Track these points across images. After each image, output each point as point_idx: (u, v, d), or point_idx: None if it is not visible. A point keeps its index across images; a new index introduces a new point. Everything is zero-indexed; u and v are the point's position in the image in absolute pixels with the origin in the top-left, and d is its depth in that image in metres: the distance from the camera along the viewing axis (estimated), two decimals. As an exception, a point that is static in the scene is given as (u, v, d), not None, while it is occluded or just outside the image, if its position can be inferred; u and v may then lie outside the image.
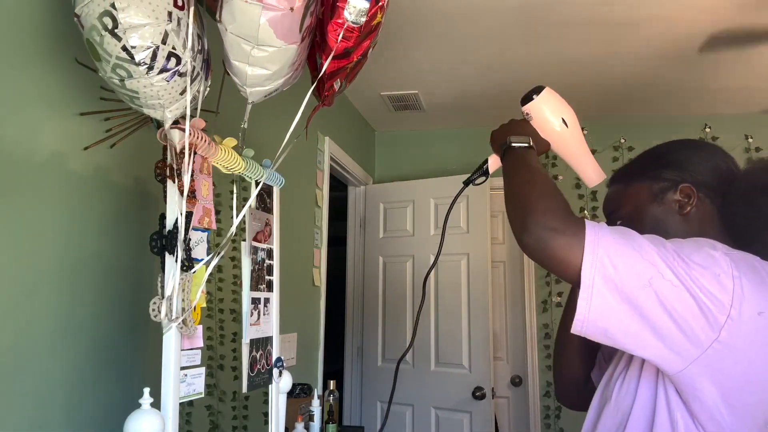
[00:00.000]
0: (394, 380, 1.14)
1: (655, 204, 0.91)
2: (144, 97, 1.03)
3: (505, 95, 3.12)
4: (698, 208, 0.90)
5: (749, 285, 0.71)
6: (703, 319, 0.69)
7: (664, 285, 0.69)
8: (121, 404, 1.25)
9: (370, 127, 3.74)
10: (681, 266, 0.71)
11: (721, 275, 0.70)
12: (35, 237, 1.07)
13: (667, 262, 0.71)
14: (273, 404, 1.37)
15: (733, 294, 0.70)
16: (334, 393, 2.07)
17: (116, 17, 0.94)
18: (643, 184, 0.93)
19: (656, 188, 0.92)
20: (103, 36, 0.95)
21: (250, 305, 1.30)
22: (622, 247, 0.72)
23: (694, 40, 2.42)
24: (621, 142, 3.39)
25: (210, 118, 1.25)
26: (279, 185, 1.47)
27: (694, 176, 0.91)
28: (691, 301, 0.69)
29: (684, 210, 0.89)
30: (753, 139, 3.25)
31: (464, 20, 2.30)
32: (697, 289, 0.69)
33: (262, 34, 1.06)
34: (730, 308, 0.69)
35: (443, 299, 3.24)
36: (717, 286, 0.70)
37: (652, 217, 0.91)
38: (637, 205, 0.92)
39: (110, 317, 1.25)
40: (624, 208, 0.94)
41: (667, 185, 0.91)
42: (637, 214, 0.92)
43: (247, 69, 1.13)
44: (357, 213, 3.61)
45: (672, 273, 0.70)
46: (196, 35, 1.07)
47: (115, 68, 0.98)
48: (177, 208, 1.05)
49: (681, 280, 0.70)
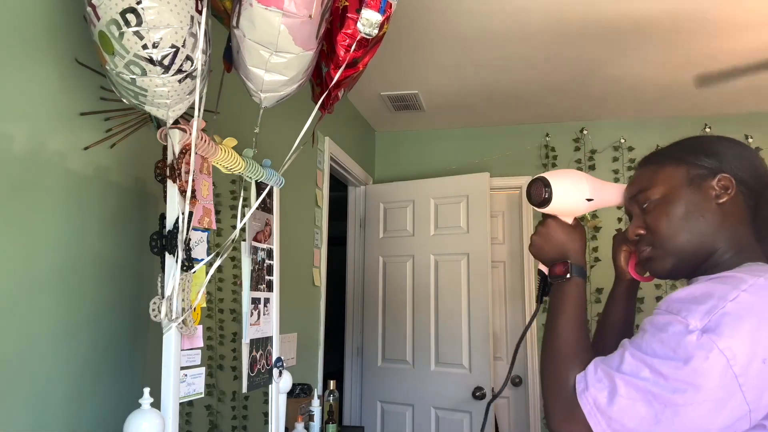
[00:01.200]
0: (484, 420, 1.10)
1: (690, 188, 0.88)
2: (152, 96, 1.03)
3: (505, 95, 3.12)
4: (733, 201, 0.87)
5: (747, 336, 0.70)
6: (730, 406, 0.70)
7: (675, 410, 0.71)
8: (121, 404, 1.25)
9: (370, 127, 3.74)
10: (674, 381, 0.71)
11: (704, 365, 0.69)
12: (35, 237, 1.07)
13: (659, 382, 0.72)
14: (273, 404, 1.37)
15: (729, 368, 0.69)
16: (334, 393, 2.07)
17: (142, 15, 0.94)
18: (679, 167, 0.90)
19: (693, 173, 0.89)
20: (124, 32, 0.95)
21: (250, 305, 1.30)
22: (626, 409, 0.73)
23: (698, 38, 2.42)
24: (621, 142, 3.39)
25: (210, 118, 1.26)
26: (279, 185, 1.47)
27: (733, 170, 0.88)
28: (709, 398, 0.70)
29: (720, 199, 0.86)
30: (753, 139, 3.25)
31: (464, 20, 2.30)
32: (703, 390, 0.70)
33: (282, 41, 1.07)
34: (736, 380, 0.69)
35: (443, 299, 3.24)
36: (716, 380, 0.69)
37: (688, 200, 0.87)
38: (672, 187, 0.89)
39: (110, 317, 1.25)
40: (656, 188, 0.90)
41: (706, 172, 0.88)
42: (672, 195, 0.89)
43: (264, 75, 1.14)
44: (357, 213, 3.61)
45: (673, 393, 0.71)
46: (208, 39, 1.08)
47: (129, 65, 0.98)
48: (177, 208, 1.05)
49: (684, 397, 0.70)
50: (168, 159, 1.07)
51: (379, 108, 3.37)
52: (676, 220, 0.87)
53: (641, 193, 0.92)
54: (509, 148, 3.58)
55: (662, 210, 0.88)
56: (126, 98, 1.07)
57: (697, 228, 0.86)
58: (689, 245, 0.86)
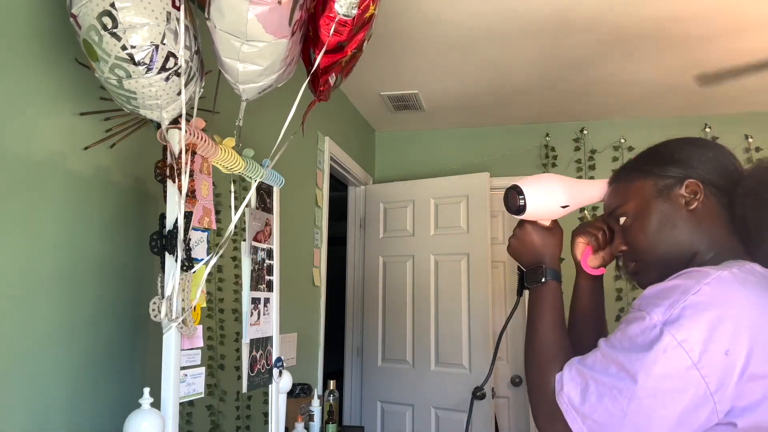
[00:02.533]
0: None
1: (660, 200, 0.90)
2: (142, 98, 1.03)
3: (505, 95, 3.12)
4: (705, 204, 0.89)
5: (705, 328, 0.71)
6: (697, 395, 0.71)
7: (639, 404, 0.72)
8: (121, 404, 1.25)
9: (370, 127, 3.74)
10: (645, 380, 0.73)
11: (663, 357, 0.71)
12: (35, 237, 1.07)
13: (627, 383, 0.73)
14: (273, 404, 1.37)
15: (689, 359, 0.71)
16: (334, 393, 2.07)
17: (116, 17, 0.94)
18: (647, 180, 0.92)
19: (661, 184, 0.91)
20: (102, 36, 0.95)
21: (250, 305, 1.30)
22: (599, 408, 0.75)
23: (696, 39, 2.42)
24: (621, 142, 3.39)
25: (210, 117, 1.25)
26: (279, 185, 1.47)
27: (700, 173, 0.90)
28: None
29: (690, 206, 0.88)
30: (753, 139, 3.25)
31: (464, 20, 2.30)
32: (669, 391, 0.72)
33: (251, 29, 1.04)
34: (697, 371, 0.70)
35: (443, 299, 3.24)
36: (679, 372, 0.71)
37: (659, 212, 0.90)
38: (643, 201, 0.92)
39: (110, 317, 1.25)
40: (629, 203, 0.93)
41: (673, 182, 0.90)
42: (644, 209, 0.91)
43: (238, 66, 1.12)
44: (357, 213, 3.61)
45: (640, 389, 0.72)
46: (192, 35, 1.07)
47: (113, 68, 0.98)
48: (177, 208, 1.05)
49: (654, 393, 0.72)
50: (168, 159, 1.07)
51: (379, 108, 3.37)
52: (651, 233, 0.90)
53: (616, 209, 0.95)
54: (509, 148, 3.58)
55: (637, 226, 0.92)
56: (120, 104, 1.07)
57: (673, 237, 0.89)
58: (669, 255, 0.89)
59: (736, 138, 3.27)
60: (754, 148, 3.25)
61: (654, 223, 0.90)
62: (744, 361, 0.70)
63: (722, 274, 0.75)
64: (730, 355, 0.70)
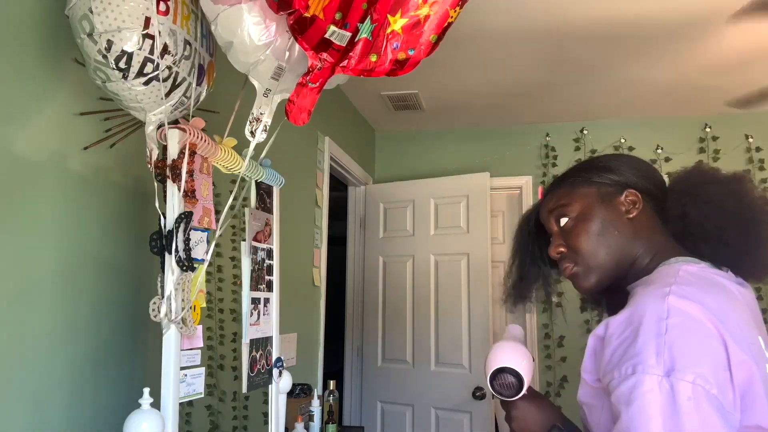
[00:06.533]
0: None
1: (603, 206, 0.95)
2: (125, 100, 1.04)
3: (505, 95, 3.12)
4: (643, 212, 0.94)
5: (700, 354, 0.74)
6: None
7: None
8: (121, 404, 1.25)
9: (370, 127, 3.74)
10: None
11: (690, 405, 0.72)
12: (35, 237, 1.07)
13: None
14: (273, 404, 1.37)
15: (706, 391, 0.72)
16: (334, 393, 2.07)
17: (92, 21, 0.94)
18: (591, 187, 0.97)
19: (603, 191, 0.96)
20: (83, 39, 0.96)
21: (250, 305, 1.30)
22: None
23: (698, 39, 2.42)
24: (621, 141, 3.39)
25: (210, 117, 1.25)
26: (279, 185, 1.47)
27: (638, 184, 0.96)
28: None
29: (630, 214, 0.94)
30: (753, 139, 3.25)
31: (464, 20, 2.29)
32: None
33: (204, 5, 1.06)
34: (717, 399, 0.72)
35: (443, 299, 3.24)
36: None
37: (602, 217, 0.95)
38: (587, 205, 0.96)
39: (110, 317, 1.25)
40: (573, 205, 0.97)
41: (614, 190, 0.96)
42: (587, 213, 0.95)
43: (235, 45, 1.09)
44: (357, 213, 3.61)
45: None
46: (183, 41, 1.07)
47: (95, 71, 0.99)
48: (177, 208, 1.05)
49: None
50: (168, 159, 1.07)
51: (379, 108, 3.37)
52: (594, 237, 0.94)
53: (558, 209, 0.98)
54: (509, 148, 3.58)
55: (581, 228, 0.95)
56: (116, 102, 1.08)
57: (615, 242, 0.93)
58: (610, 259, 0.93)
59: (736, 138, 3.27)
60: (754, 148, 3.25)
61: (597, 228, 0.94)
62: (726, 358, 0.73)
63: (675, 304, 0.77)
64: (718, 363, 0.73)
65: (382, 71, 1.08)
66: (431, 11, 1.04)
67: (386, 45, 1.06)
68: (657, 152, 3.32)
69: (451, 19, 1.05)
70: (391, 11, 1.03)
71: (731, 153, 3.26)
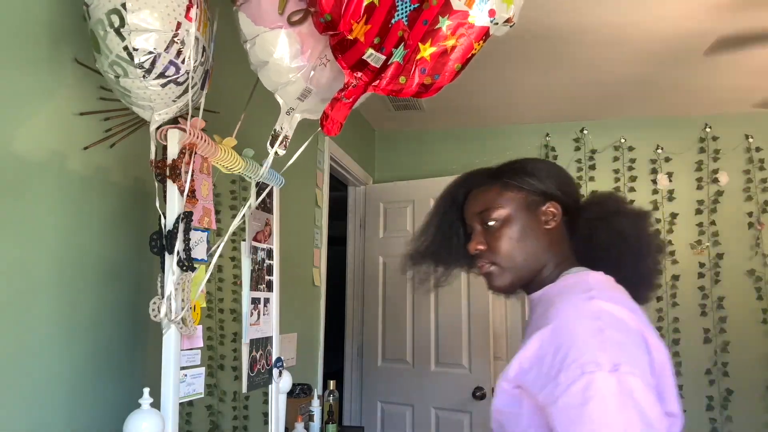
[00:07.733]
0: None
1: (527, 213, 0.99)
2: (135, 97, 1.04)
3: (505, 95, 3.12)
4: (559, 225, 1.00)
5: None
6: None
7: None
8: (121, 404, 1.24)
9: (370, 126, 3.74)
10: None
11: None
12: (35, 237, 1.07)
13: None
14: (273, 404, 1.37)
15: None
16: (334, 393, 2.07)
17: (125, 17, 0.94)
18: (520, 194, 1.01)
19: (530, 200, 1.00)
20: (108, 32, 0.96)
21: (250, 305, 1.30)
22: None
23: (698, 40, 2.42)
24: (621, 142, 3.39)
25: (210, 117, 1.25)
26: (279, 185, 1.47)
27: (559, 196, 1.00)
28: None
29: (548, 225, 0.99)
30: (753, 139, 3.25)
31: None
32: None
33: (243, 23, 1.13)
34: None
35: (443, 299, 3.24)
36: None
37: (525, 224, 0.99)
38: (514, 210, 1.00)
39: (110, 317, 1.25)
40: (500, 210, 1.00)
41: (539, 199, 1.00)
42: (513, 218, 0.99)
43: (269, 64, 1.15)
44: (357, 213, 3.61)
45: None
46: (201, 47, 1.08)
47: (112, 65, 0.99)
48: (177, 208, 1.05)
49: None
50: (168, 159, 1.07)
51: (379, 108, 3.37)
52: (514, 242, 0.98)
53: (486, 211, 1.01)
54: (509, 148, 3.58)
55: (503, 232, 0.99)
56: (118, 96, 1.08)
57: (532, 249, 0.98)
58: (526, 264, 0.98)
59: (736, 138, 3.27)
60: (754, 148, 3.25)
61: (518, 233, 0.99)
62: (648, 354, 0.80)
63: (598, 301, 0.83)
64: (645, 358, 0.79)
65: (409, 93, 1.16)
66: (458, 43, 1.12)
67: (415, 69, 1.14)
68: (657, 152, 3.32)
69: (475, 51, 1.13)
70: (423, 40, 1.12)
71: (731, 153, 3.26)
